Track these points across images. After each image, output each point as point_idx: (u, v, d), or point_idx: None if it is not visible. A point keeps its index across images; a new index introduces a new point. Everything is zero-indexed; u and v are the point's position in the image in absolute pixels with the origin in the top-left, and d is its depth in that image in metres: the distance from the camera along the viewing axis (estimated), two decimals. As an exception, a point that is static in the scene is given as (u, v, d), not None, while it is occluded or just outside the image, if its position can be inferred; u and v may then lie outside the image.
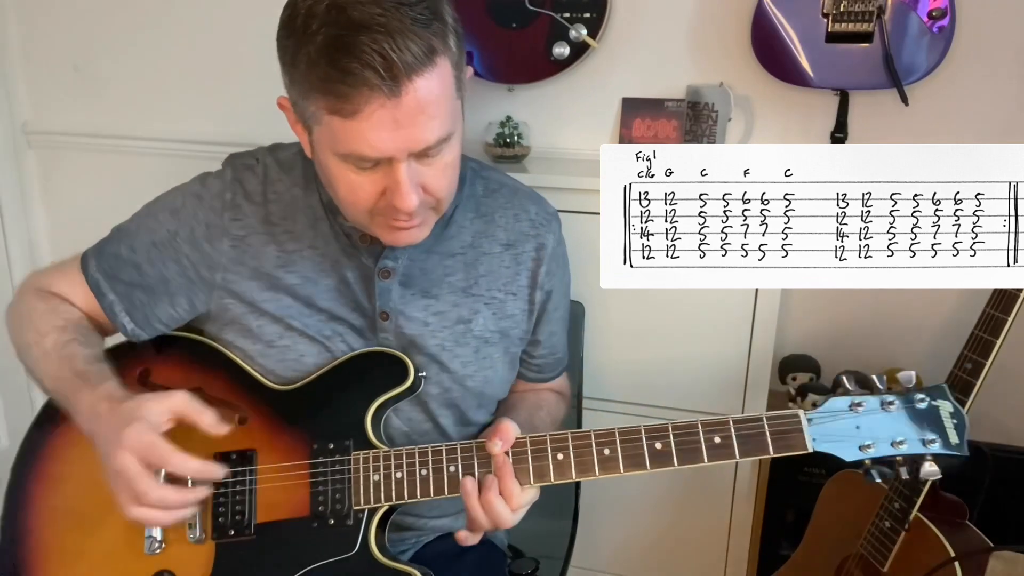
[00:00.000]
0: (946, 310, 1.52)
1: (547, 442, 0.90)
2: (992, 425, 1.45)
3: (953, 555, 1.16)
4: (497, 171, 1.13)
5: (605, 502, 1.58)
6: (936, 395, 0.85)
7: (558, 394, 1.21)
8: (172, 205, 1.03)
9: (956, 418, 0.85)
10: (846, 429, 0.85)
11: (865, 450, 0.84)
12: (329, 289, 1.02)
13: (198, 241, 1.01)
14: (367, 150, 0.84)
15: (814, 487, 1.41)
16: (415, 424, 1.06)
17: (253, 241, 1.01)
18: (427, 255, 1.03)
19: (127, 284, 1.03)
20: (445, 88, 0.86)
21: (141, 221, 1.05)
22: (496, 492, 0.89)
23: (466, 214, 1.06)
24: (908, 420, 0.85)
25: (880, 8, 1.33)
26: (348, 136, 0.84)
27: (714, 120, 1.48)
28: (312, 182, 1.03)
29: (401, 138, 0.83)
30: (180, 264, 1.02)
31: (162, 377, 1.02)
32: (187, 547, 0.95)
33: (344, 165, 0.88)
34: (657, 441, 0.88)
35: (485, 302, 1.05)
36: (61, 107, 1.95)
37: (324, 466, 0.95)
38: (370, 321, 1.02)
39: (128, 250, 1.04)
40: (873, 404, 0.85)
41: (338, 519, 0.94)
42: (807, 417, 0.86)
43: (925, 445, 0.84)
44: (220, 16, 1.77)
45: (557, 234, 1.10)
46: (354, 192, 0.89)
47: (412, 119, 0.83)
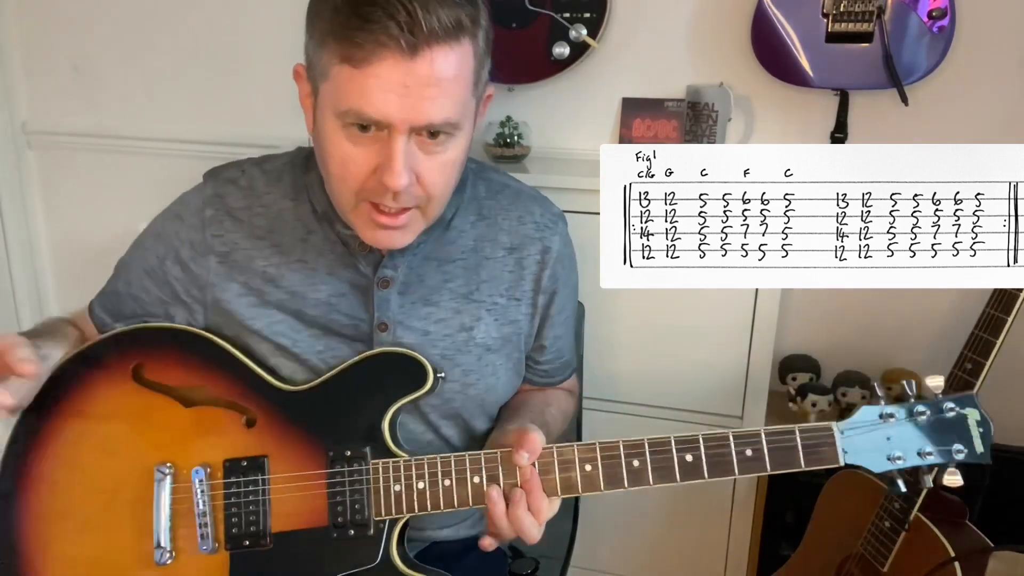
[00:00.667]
0: (946, 310, 1.52)
1: (575, 454, 0.88)
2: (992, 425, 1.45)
3: (953, 555, 1.16)
4: (499, 172, 1.11)
5: (605, 502, 1.58)
6: (964, 404, 0.85)
7: (566, 392, 1.20)
8: (156, 230, 1.04)
9: (983, 426, 0.84)
10: (876, 441, 0.84)
11: (894, 461, 0.84)
12: (319, 304, 0.99)
13: (184, 262, 1.01)
14: (368, 108, 0.82)
15: (814, 487, 1.41)
16: (415, 435, 1.03)
17: (239, 257, 0.99)
18: (427, 261, 1.01)
19: (129, 317, 1.05)
20: (462, 72, 0.85)
21: (133, 253, 1.06)
22: (524, 507, 0.87)
23: (467, 217, 1.03)
24: (936, 430, 0.84)
25: (880, 8, 1.33)
26: (353, 89, 0.82)
27: (714, 120, 1.48)
28: (303, 192, 1.00)
29: (406, 106, 0.82)
30: (172, 288, 1.02)
31: (157, 373, 0.97)
32: (199, 558, 0.92)
33: (341, 133, 0.86)
34: (688, 453, 0.86)
35: (487, 308, 1.03)
36: (61, 107, 1.95)
37: (342, 476, 0.92)
38: (367, 333, 0.99)
39: (125, 285, 1.06)
40: (903, 414, 0.85)
41: (358, 529, 0.91)
42: (840, 429, 0.84)
43: (952, 455, 0.83)
44: (220, 16, 1.77)
45: (563, 235, 1.08)
46: (345, 166, 0.87)
47: (421, 89, 0.81)
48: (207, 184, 1.03)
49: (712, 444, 0.86)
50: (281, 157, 1.05)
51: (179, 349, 0.99)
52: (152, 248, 1.03)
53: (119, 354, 0.99)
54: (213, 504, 0.93)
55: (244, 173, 1.02)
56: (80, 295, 1.11)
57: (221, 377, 0.97)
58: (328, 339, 0.99)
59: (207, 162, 1.08)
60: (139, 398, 0.96)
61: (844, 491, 1.36)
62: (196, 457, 0.94)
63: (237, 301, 0.99)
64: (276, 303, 0.99)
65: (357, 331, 0.99)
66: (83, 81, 1.91)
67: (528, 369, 1.12)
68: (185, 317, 1.03)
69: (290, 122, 1.76)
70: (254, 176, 1.02)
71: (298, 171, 1.02)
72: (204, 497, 0.93)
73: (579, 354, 1.41)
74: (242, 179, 1.02)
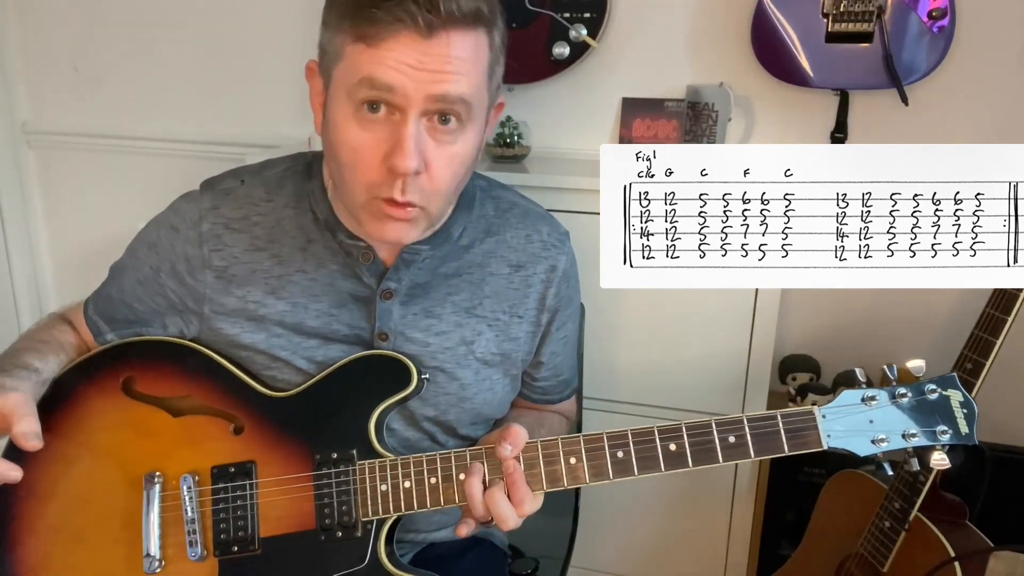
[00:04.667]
0: (946, 310, 1.52)
1: (559, 446, 0.88)
2: (992, 425, 1.45)
3: (953, 555, 1.16)
4: (508, 190, 1.09)
5: (605, 502, 1.58)
6: (946, 385, 0.85)
7: (562, 416, 1.19)
8: (149, 240, 1.02)
9: (966, 407, 0.84)
10: (859, 424, 0.85)
11: (878, 444, 0.84)
12: (321, 314, 0.98)
13: (180, 275, 0.99)
14: (382, 74, 0.81)
15: (814, 487, 1.41)
16: (411, 444, 1.03)
17: (238, 271, 0.98)
18: (431, 274, 1.00)
19: (122, 323, 1.04)
20: (478, 59, 0.85)
21: (127, 260, 1.05)
22: (502, 490, 0.87)
23: (475, 234, 1.02)
24: (919, 412, 0.85)
25: (880, 8, 1.33)
26: (367, 63, 0.81)
27: (714, 120, 1.48)
28: (304, 200, 0.99)
29: (421, 78, 0.81)
30: (167, 298, 1.01)
31: (147, 385, 0.98)
32: (188, 565, 0.92)
33: (352, 120, 0.84)
34: (671, 442, 0.86)
35: (488, 323, 1.02)
36: (61, 107, 1.95)
37: (328, 477, 0.92)
38: (367, 342, 0.99)
39: (118, 290, 1.04)
40: (885, 397, 0.85)
41: (346, 531, 0.91)
42: (821, 413, 0.85)
43: (937, 436, 0.84)
44: (220, 16, 1.78)
45: (570, 255, 1.08)
46: (356, 153, 0.85)
47: (437, 65, 0.81)
48: (204, 196, 1.00)
49: (695, 432, 0.86)
50: (280, 163, 1.03)
51: (168, 361, 1.00)
52: (146, 258, 1.02)
53: (111, 368, 0.99)
54: (201, 511, 0.93)
55: (243, 183, 1.00)
56: (80, 295, 1.10)
57: (209, 386, 0.98)
58: (328, 348, 0.98)
59: (207, 162, 1.08)
60: (129, 410, 0.97)
61: (844, 491, 1.36)
62: (184, 465, 0.94)
63: (234, 318, 0.98)
64: (275, 317, 0.98)
65: (357, 340, 0.99)
66: (83, 81, 1.91)
67: (524, 385, 1.12)
68: (179, 326, 1.01)
69: (290, 122, 1.77)
70: (253, 185, 1.00)
71: (300, 178, 1.00)
72: (192, 504, 0.93)
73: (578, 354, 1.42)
74: (240, 189, 1.00)
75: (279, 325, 0.98)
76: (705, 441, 0.86)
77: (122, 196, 1.91)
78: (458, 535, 0.92)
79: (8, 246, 1.98)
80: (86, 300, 1.08)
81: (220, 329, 0.98)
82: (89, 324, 1.06)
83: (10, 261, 1.99)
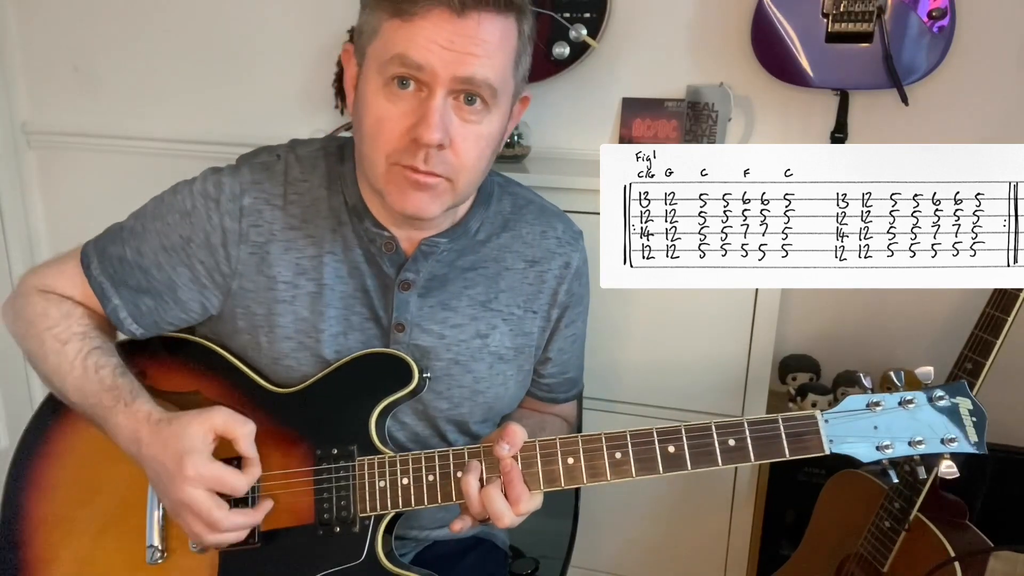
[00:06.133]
0: (946, 310, 1.52)
1: (557, 446, 0.88)
2: (992, 425, 1.44)
3: (953, 555, 1.16)
4: (525, 188, 1.11)
5: (605, 502, 1.58)
6: (955, 392, 0.83)
7: (564, 420, 1.19)
8: (183, 207, 0.97)
9: (976, 416, 0.83)
10: (863, 429, 0.83)
11: (883, 450, 0.82)
12: (345, 296, 0.99)
13: (214, 247, 0.97)
14: (414, 52, 0.84)
15: (814, 487, 1.41)
16: (421, 440, 1.04)
17: (272, 248, 0.97)
18: (449, 267, 1.01)
19: (133, 289, 0.99)
20: (506, 44, 0.87)
21: (148, 223, 0.99)
22: (498, 488, 0.87)
23: (492, 229, 1.04)
24: (927, 418, 0.83)
25: (880, 8, 1.33)
26: (400, 38, 0.84)
27: (714, 120, 1.48)
28: (336, 182, 0.99)
29: (450, 57, 0.84)
30: (193, 269, 0.98)
31: (156, 380, 0.99)
32: (190, 557, 0.94)
33: (380, 94, 0.87)
34: (670, 444, 0.85)
35: (503, 318, 1.03)
36: (61, 107, 1.95)
37: (328, 472, 0.93)
38: (384, 332, 1.00)
39: (135, 253, 0.99)
40: (891, 402, 0.83)
41: (344, 526, 0.92)
42: (824, 418, 0.83)
43: (944, 444, 0.82)
44: (220, 16, 1.77)
45: (583, 253, 1.09)
46: (380, 124, 0.87)
47: (467, 46, 0.84)
48: (243, 168, 0.99)
49: (695, 435, 0.85)
50: (313, 142, 1.04)
51: (178, 357, 1.02)
52: (176, 226, 0.97)
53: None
54: None
55: (280, 158, 1.01)
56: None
57: (215, 382, 0.99)
58: (346, 337, 0.99)
59: (207, 162, 1.08)
60: None
61: (844, 491, 1.36)
62: None
63: (264, 295, 0.98)
64: (303, 299, 0.98)
65: (375, 329, 1.00)
66: (83, 81, 1.91)
67: (531, 382, 1.12)
68: (199, 300, 0.99)
69: (291, 122, 1.77)
70: (290, 161, 1.00)
71: (332, 160, 1.01)
72: None
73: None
74: (278, 163, 1.00)
75: (305, 308, 0.98)
76: (704, 444, 0.85)
77: (121, 196, 1.89)
78: (451, 530, 0.92)
79: (8, 246, 1.99)
80: (83, 255, 1.01)
81: (248, 307, 0.98)
82: (93, 284, 0.99)
83: (10, 261, 1.99)
